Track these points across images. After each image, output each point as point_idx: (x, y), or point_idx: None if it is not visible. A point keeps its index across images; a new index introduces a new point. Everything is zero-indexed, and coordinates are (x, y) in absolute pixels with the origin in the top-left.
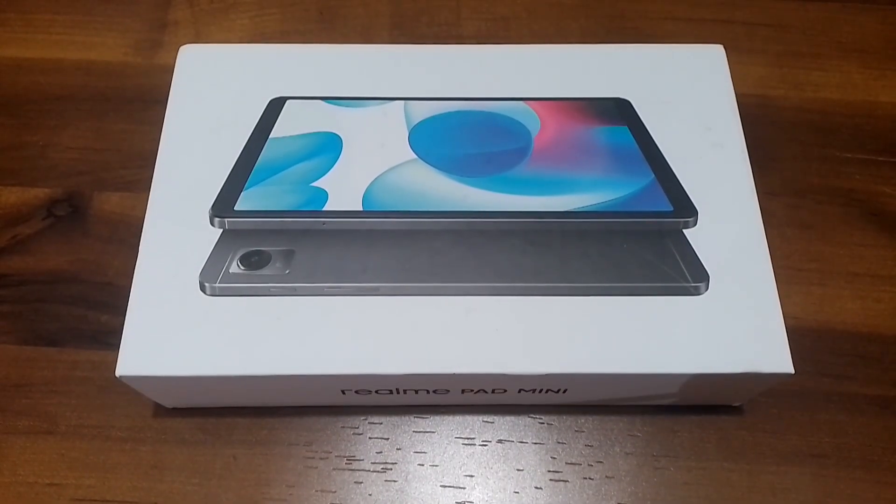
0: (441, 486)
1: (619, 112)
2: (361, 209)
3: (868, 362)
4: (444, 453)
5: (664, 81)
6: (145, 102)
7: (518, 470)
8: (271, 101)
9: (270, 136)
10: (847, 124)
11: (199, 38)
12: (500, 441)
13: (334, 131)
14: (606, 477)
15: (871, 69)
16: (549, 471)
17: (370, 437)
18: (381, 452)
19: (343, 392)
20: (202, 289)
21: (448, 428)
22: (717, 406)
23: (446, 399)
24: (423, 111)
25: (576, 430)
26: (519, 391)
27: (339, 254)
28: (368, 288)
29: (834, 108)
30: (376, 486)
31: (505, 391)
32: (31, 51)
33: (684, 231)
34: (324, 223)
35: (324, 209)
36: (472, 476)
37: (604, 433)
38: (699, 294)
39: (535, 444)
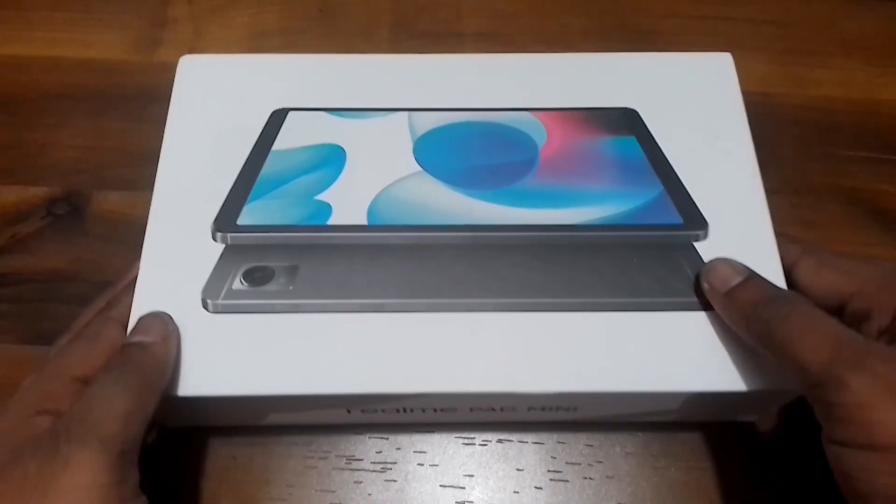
0: (441, 485)
1: (626, 122)
2: (366, 224)
3: None
4: (443, 453)
5: (672, 91)
6: (145, 100)
7: (518, 470)
8: (273, 113)
9: (273, 149)
10: (849, 122)
11: (198, 36)
12: (500, 441)
13: (337, 143)
14: (606, 477)
15: (873, 67)
16: (549, 470)
17: (370, 437)
18: (380, 452)
19: (349, 411)
20: (204, 306)
21: (448, 427)
22: None
23: (453, 417)
24: (428, 122)
25: (576, 430)
26: (528, 409)
27: (344, 269)
28: (374, 304)
29: (836, 106)
30: (376, 485)
31: (514, 409)
32: (30, 49)
33: (695, 244)
34: (329, 238)
35: (328, 224)
36: (472, 476)
37: (604, 433)
38: (711, 309)
39: (535, 443)
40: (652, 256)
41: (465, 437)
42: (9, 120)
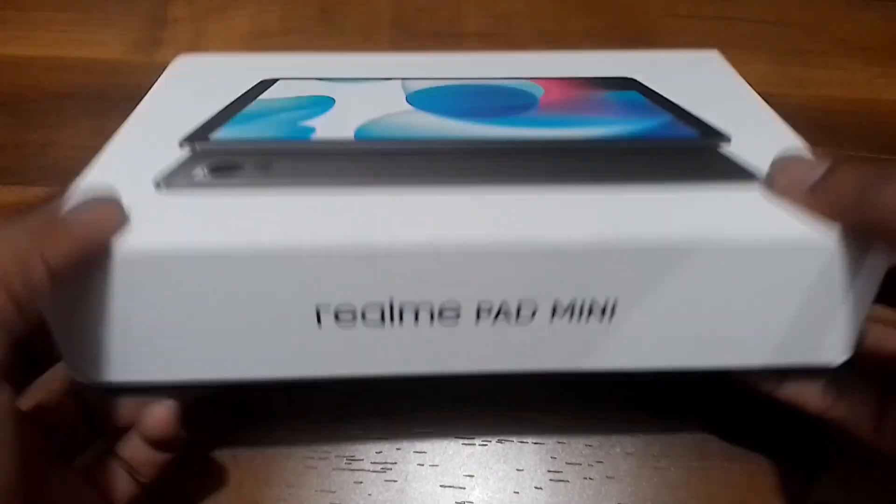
0: (441, 486)
1: (627, 83)
2: (353, 139)
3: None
4: (443, 453)
5: (667, 75)
6: None
7: (518, 470)
8: (261, 81)
9: (258, 99)
10: (849, 122)
11: (198, 36)
12: (500, 441)
13: (327, 95)
14: (606, 477)
15: (874, 66)
16: (549, 471)
17: (370, 437)
18: (380, 452)
19: (319, 321)
20: (157, 186)
21: (448, 427)
22: (717, 406)
23: (454, 336)
24: (422, 84)
25: (576, 430)
26: (553, 313)
27: (325, 164)
28: (356, 183)
29: (836, 106)
30: (376, 486)
31: (534, 314)
32: (31, 49)
33: (720, 151)
34: (309, 148)
35: (310, 138)
36: (472, 476)
37: (604, 433)
38: (748, 182)
39: (535, 443)
40: (677, 157)
41: (465, 438)
42: (9, 120)
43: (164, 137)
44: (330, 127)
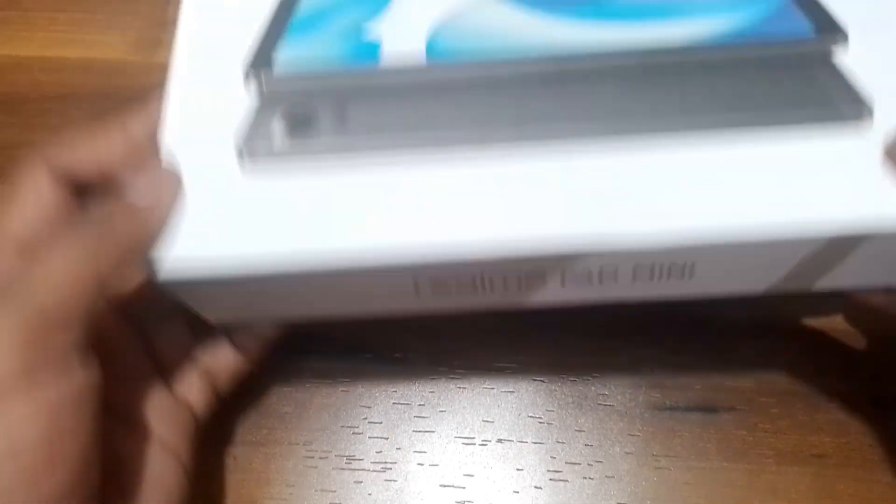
0: (441, 485)
1: None
2: (425, 61)
3: (869, 362)
4: (443, 453)
5: None
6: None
7: (518, 470)
8: None
9: None
10: None
11: None
12: (499, 440)
13: None
14: (606, 477)
15: None
16: (549, 470)
17: (370, 437)
18: (380, 452)
19: (416, 288)
20: (240, 156)
21: (448, 427)
22: (717, 406)
23: (539, 296)
24: None
25: (576, 430)
26: (634, 274)
27: (403, 108)
28: (442, 139)
29: None
30: (376, 485)
31: (616, 274)
32: (31, 49)
33: (833, 60)
34: (381, 82)
35: (379, 65)
36: (471, 476)
37: (604, 433)
38: (858, 120)
39: (535, 443)
40: (783, 73)
41: (464, 437)
42: (9, 120)
43: (221, 56)
44: (397, 35)
